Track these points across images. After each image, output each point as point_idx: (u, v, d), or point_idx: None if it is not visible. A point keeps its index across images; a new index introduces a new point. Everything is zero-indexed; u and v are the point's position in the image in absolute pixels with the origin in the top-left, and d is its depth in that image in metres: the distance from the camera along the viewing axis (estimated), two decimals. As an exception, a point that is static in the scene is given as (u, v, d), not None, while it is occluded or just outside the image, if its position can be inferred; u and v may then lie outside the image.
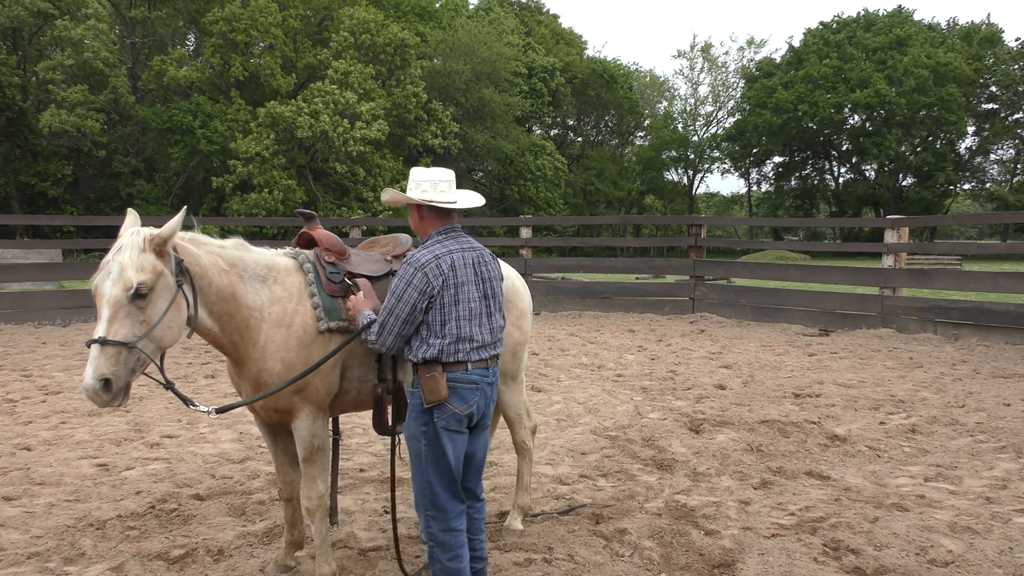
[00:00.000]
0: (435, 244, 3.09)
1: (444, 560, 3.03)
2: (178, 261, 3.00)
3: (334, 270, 3.48)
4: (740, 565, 3.70)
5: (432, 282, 2.99)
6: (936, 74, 42.57)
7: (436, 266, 3.01)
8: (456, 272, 3.05)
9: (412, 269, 2.99)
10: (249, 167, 30.87)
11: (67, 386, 7.99)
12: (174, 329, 2.97)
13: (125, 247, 2.89)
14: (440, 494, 3.03)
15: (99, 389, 2.73)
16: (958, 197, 54.33)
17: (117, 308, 2.81)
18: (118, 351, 2.78)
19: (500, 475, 5.21)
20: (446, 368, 3.03)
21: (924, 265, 21.34)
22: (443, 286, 3.01)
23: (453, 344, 3.03)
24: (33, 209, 32.98)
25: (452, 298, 3.03)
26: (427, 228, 3.16)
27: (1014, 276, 10.79)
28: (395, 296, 3.00)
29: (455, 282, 3.04)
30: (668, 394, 7.61)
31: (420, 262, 3.00)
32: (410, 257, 3.04)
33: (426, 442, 3.02)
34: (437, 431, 3.02)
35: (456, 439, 3.06)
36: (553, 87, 48.52)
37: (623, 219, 22.41)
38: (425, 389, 3.00)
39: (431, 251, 3.04)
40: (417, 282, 2.98)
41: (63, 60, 30.07)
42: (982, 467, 5.18)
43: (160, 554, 3.88)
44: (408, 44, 35.29)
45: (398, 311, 3.00)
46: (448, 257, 3.05)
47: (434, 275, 2.99)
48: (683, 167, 57.54)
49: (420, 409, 3.03)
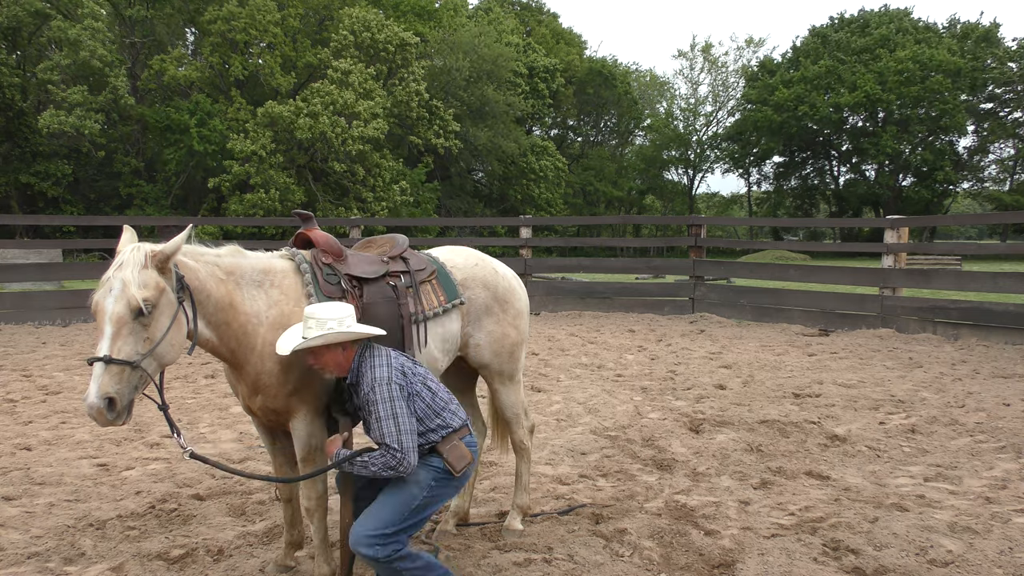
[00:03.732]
0: (373, 359, 3.10)
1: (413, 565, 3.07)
2: (179, 277, 2.96)
3: (331, 272, 3.48)
4: (740, 565, 3.70)
5: (403, 384, 3.07)
6: (922, 66, 42.70)
7: (396, 371, 3.08)
8: (406, 366, 3.16)
9: (384, 386, 3.02)
10: (246, 167, 30.83)
11: (67, 386, 7.99)
12: (176, 346, 2.94)
13: (127, 263, 2.83)
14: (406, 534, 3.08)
15: (103, 408, 2.68)
16: (958, 197, 54.32)
17: (120, 325, 2.76)
18: (122, 369, 2.74)
19: (499, 475, 5.21)
20: (458, 434, 3.17)
21: (924, 265, 21.33)
22: (409, 382, 3.11)
23: (450, 412, 3.17)
24: (33, 209, 32.98)
25: (421, 384, 3.14)
26: (351, 354, 3.14)
27: (1014, 276, 10.79)
28: (393, 417, 2.99)
29: (412, 374, 3.15)
30: (668, 394, 7.61)
31: (386, 377, 3.04)
32: (372, 380, 3.03)
33: (426, 495, 3.10)
34: (441, 491, 3.14)
35: (443, 502, 3.21)
36: (554, 88, 48.52)
37: (623, 219, 22.43)
38: (453, 458, 3.12)
39: (379, 365, 3.07)
40: (396, 392, 3.03)
41: (61, 60, 30.01)
42: (982, 467, 5.18)
43: (160, 554, 3.88)
44: (409, 43, 35.25)
45: (404, 425, 3.00)
46: (394, 360, 3.12)
47: (400, 378, 3.08)
48: (683, 167, 57.54)
49: (441, 472, 3.13)
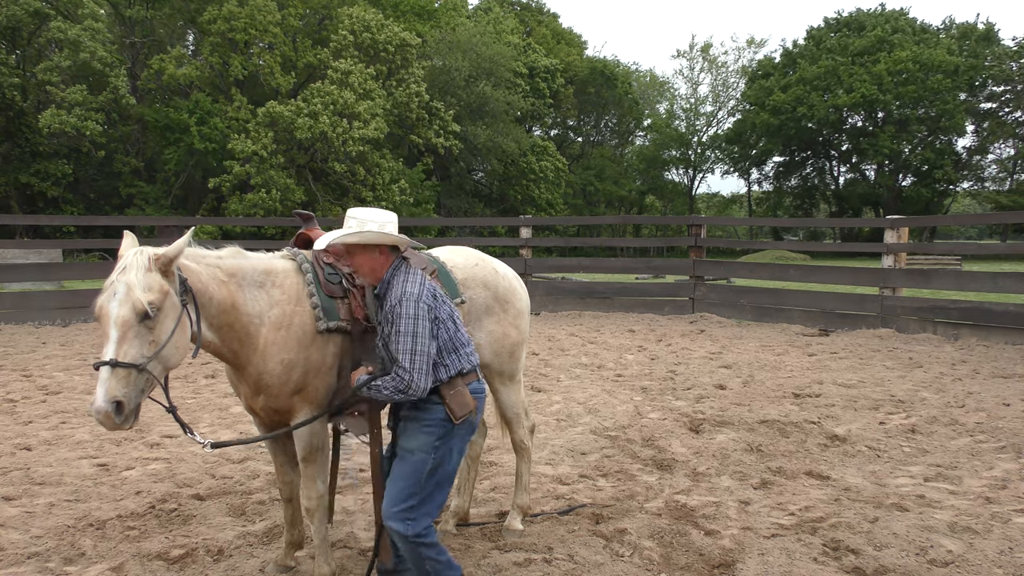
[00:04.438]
0: (407, 276, 3.09)
1: (436, 556, 3.07)
2: (182, 280, 2.96)
3: (332, 271, 3.49)
4: (740, 565, 3.70)
5: (432, 306, 3.04)
6: (921, 66, 42.68)
7: (427, 292, 3.05)
8: (438, 291, 3.15)
9: (413, 303, 2.99)
10: (246, 167, 30.84)
11: (67, 386, 7.99)
12: (181, 349, 2.94)
13: (130, 267, 2.82)
14: (434, 503, 3.08)
15: (111, 412, 2.67)
16: (957, 197, 54.29)
17: (126, 329, 2.75)
18: (128, 373, 2.73)
19: (499, 475, 5.21)
20: (465, 379, 3.11)
21: (924, 265, 21.33)
22: (438, 307, 3.08)
23: (465, 353, 3.12)
24: (33, 209, 32.96)
25: (448, 314, 3.11)
26: (386, 266, 3.13)
27: (1014, 276, 10.79)
28: (412, 335, 2.96)
29: (442, 301, 3.13)
30: (668, 394, 7.61)
31: (416, 294, 3.01)
32: (401, 294, 3.01)
33: (436, 456, 3.05)
34: (451, 445, 3.08)
35: (461, 453, 3.15)
36: (555, 88, 48.52)
37: (623, 219, 22.44)
38: (455, 405, 3.05)
39: (413, 282, 3.05)
40: (423, 312, 3.00)
41: (60, 61, 30.00)
42: (982, 467, 5.18)
43: (160, 554, 3.88)
44: (409, 44, 35.24)
45: (422, 347, 2.96)
46: (427, 282, 3.11)
47: (431, 300, 3.04)
48: (683, 167, 57.53)
49: (441, 424, 3.06)
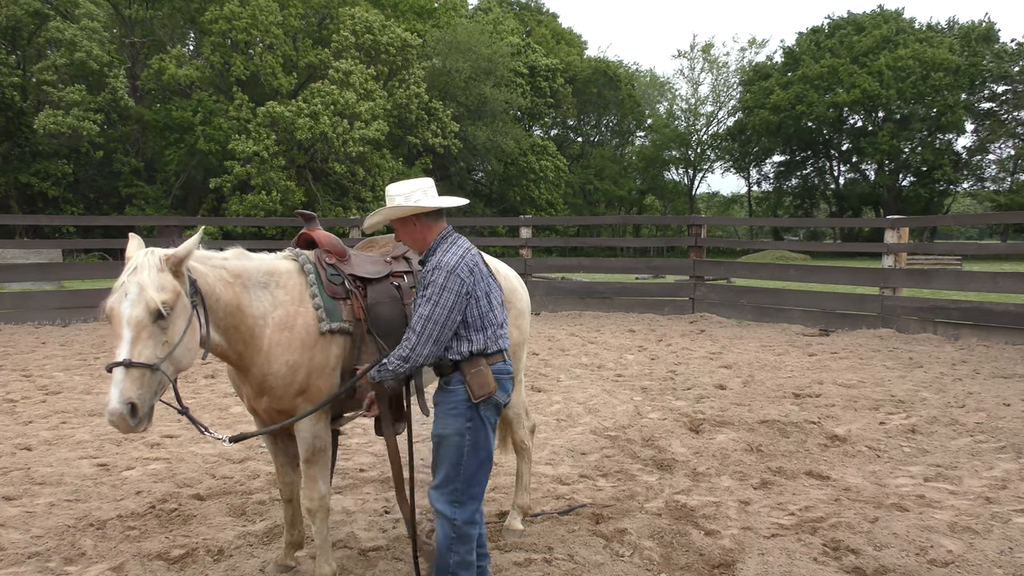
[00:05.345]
0: (450, 246, 3.11)
1: (463, 553, 3.07)
2: (192, 281, 2.96)
3: (335, 272, 3.49)
4: (740, 565, 3.70)
5: (466, 281, 3.03)
6: (922, 64, 42.69)
7: (464, 265, 3.05)
8: (479, 267, 3.13)
9: (445, 273, 3.00)
10: (247, 167, 30.84)
11: (67, 386, 7.99)
12: (191, 351, 2.93)
13: (141, 267, 2.79)
14: (478, 484, 3.09)
15: (126, 414, 2.63)
16: (957, 197, 54.27)
17: (140, 329, 2.71)
18: (143, 373, 2.69)
19: (500, 475, 5.20)
20: (489, 360, 3.09)
21: (924, 265, 21.32)
22: (474, 283, 3.07)
23: (494, 333, 3.11)
24: (33, 209, 32.94)
25: (484, 292, 3.11)
26: (429, 235, 3.16)
27: (1014, 276, 10.79)
28: (432, 303, 2.98)
29: (480, 277, 3.11)
30: (668, 394, 7.61)
31: (451, 265, 3.02)
32: (437, 263, 3.04)
33: (470, 437, 3.05)
34: (481, 424, 3.07)
35: (493, 429, 3.16)
36: (555, 87, 48.52)
37: (623, 219, 22.44)
38: (474, 384, 3.04)
39: (453, 253, 3.07)
40: (453, 285, 3.00)
41: (56, 60, 29.95)
42: (982, 467, 5.18)
43: (160, 554, 3.88)
44: (411, 44, 35.24)
45: (436, 316, 2.98)
46: (468, 255, 3.10)
47: (466, 274, 3.04)
48: (683, 167, 57.51)
49: (465, 405, 3.06)
